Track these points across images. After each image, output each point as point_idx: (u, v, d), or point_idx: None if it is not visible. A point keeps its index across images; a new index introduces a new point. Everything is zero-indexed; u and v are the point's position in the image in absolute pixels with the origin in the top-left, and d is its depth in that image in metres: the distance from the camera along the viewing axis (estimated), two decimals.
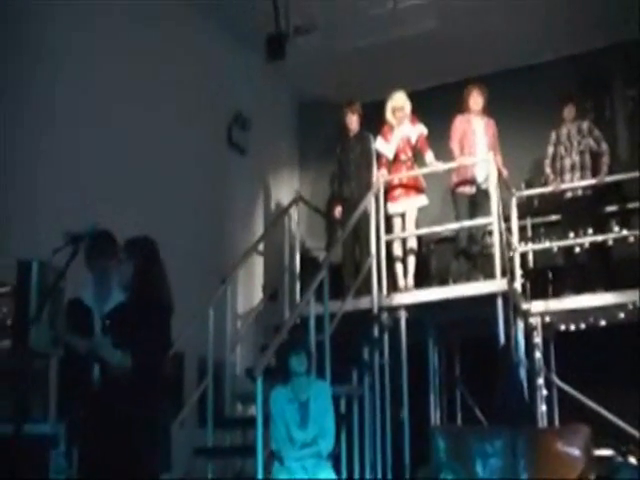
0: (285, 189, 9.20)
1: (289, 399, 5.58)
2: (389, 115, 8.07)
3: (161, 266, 4.39)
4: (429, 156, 7.93)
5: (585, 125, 8.40)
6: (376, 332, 7.15)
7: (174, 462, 4.47)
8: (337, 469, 5.79)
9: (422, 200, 7.99)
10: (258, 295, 8.31)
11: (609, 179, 8.19)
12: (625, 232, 7.94)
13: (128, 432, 4.00)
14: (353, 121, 8.36)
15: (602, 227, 8.13)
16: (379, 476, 6.58)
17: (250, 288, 8.27)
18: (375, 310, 7.26)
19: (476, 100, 8.09)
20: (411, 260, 7.84)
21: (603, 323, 7.73)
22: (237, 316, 7.77)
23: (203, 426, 6.52)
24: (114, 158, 6.67)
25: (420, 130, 8.02)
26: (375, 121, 8.23)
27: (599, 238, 7.93)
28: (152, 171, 7.09)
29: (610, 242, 8.02)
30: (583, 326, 7.74)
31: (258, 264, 8.37)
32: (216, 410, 6.58)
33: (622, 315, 7.54)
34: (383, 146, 8.06)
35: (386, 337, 7.18)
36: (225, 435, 6.65)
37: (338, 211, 8.24)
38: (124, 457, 3.99)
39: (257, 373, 5.47)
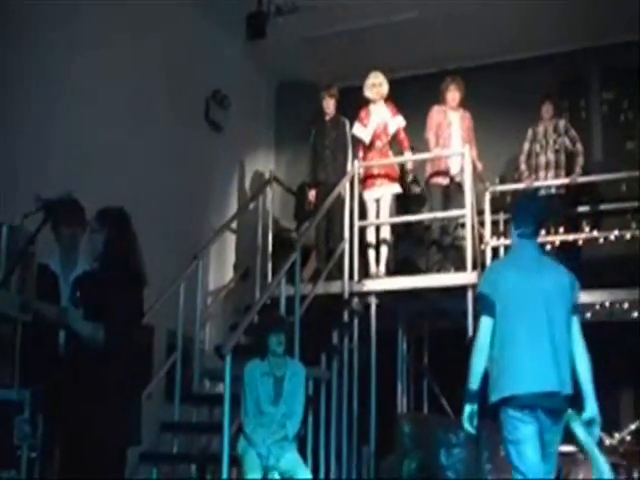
0: (260, 169, 9.15)
1: (265, 373, 5.62)
2: (367, 91, 8.09)
3: (134, 238, 4.35)
4: (408, 154, 7.98)
5: (562, 124, 8.49)
6: (346, 317, 7.18)
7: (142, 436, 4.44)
8: (302, 452, 5.81)
9: (396, 188, 8.02)
10: (230, 273, 8.29)
11: (582, 179, 8.29)
12: (596, 233, 8.05)
13: (98, 403, 3.96)
14: (330, 105, 8.35)
15: (574, 227, 8.24)
16: (344, 461, 6.60)
17: (222, 266, 8.22)
18: (346, 295, 7.30)
19: (453, 94, 8.13)
20: (383, 250, 7.87)
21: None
22: (208, 293, 7.73)
23: (170, 401, 6.50)
24: (89, 132, 6.58)
25: (398, 122, 8.04)
26: (352, 106, 8.23)
27: (570, 237, 8.03)
28: (127, 146, 7.02)
29: (581, 242, 8.12)
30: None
31: (231, 242, 8.34)
32: (184, 386, 6.56)
33: (589, 315, 7.64)
34: (360, 131, 8.07)
35: (356, 322, 7.21)
36: (192, 411, 6.63)
37: (312, 195, 8.24)
38: (93, 428, 3.94)
39: (226, 350, 5.47)
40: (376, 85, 8.05)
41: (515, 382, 4.06)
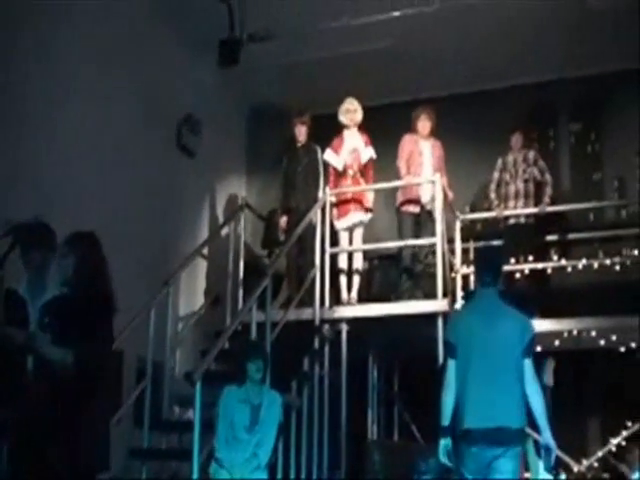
0: (232, 195, 9.16)
1: (242, 400, 5.58)
2: (341, 116, 8.15)
3: (104, 263, 4.32)
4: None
5: (531, 154, 8.62)
6: (317, 344, 7.18)
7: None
8: (272, 478, 5.78)
9: (367, 216, 8.07)
10: (200, 299, 8.27)
11: (550, 209, 8.41)
12: (564, 262, 8.15)
13: (66, 429, 3.91)
14: (302, 132, 8.40)
15: (542, 255, 8.33)
16: None
17: (193, 292, 8.20)
18: (317, 322, 7.30)
19: (424, 123, 8.22)
20: (355, 277, 7.90)
21: (539, 349, 7.88)
22: (178, 319, 7.69)
23: (139, 427, 6.44)
24: (60, 157, 6.57)
25: (370, 154, 8.12)
26: (325, 134, 8.28)
27: (539, 266, 8.12)
28: (98, 170, 7.01)
29: (549, 270, 8.21)
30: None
31: (202, 269, 8.33)
32: (153, 412, 6.51)
33: (557, 343, 7.72)
34: (332, 157, 8.12)
35: (327, 349, 7.21)
36: (161, 437, 6.57)
37: (284, 221, 8.26)
38: (61, 454, 3.90)
39: (196, 377, 5.43)
40: (350, 111, 8.12)
41: (470, 417, 4.51)
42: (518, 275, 8.15)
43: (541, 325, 7.67)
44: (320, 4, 8.03)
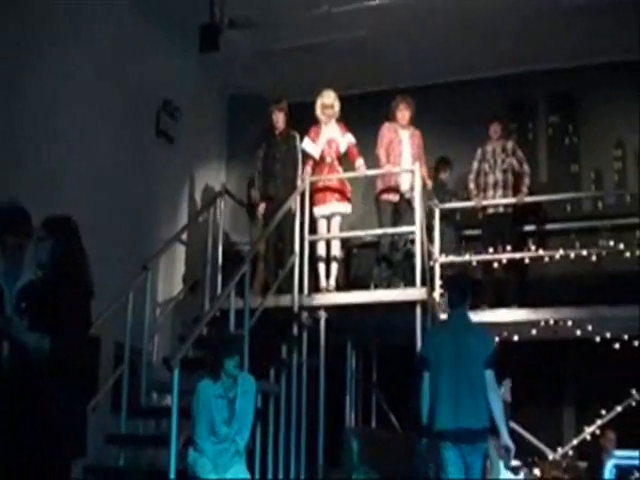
0: (211, 181, 9.12)
1: (218, 395, 5.53)
2: (318, 112, 8.11)
3: (82, 248, 4.28)
4: (359, 161, 8.00)
5: (509, 145, 8.66)
6: (295, 331, 7.17)
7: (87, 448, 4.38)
8: (250, 465, 5.78)
9: (346, 208, 8.05)
10: (179, 285, 8.23)
11: (528, 199, 8.46)
12: (541, 252, 8.21)
13: (42, 414, 3.88)
14: (279, 119, 8.36)
15: (520, 245, 8.39)
16: (292, 475, 6.58)
17: (171, 278, 8.17)
18: (295, 309, 7.28)
19: (403, 112, 8.19)
20: (334, 264, 7.89)
21: (516, 338, 7.96)
22: (156, 305, 7.65)
23: (117, 413, 6.40)
24: (38, 142, 6.51)
25: (349, 139, 8.08)
26: (303, 121, 8.25)
27: (517, 255, 8.17)
28: (77, 155, 6.95)
29: (527, 260, 8.27)
30: (497, 340, 7.92)
31: (180, 254, 8.29)
32: (131, 398, 6.47)
33: (534, 332, 7.77)
34: (310, 146, 8.08)
35: (305, 336, 7.20)
36: (139, 424, 6.54)
37: (262, 208, 8.24)
38: (37, 439, 3.87)
39: (174, 363, 5.39)
40: (327, 107, 8.05)
41: (440, 420, 5.27)
42: (496, 265, 8.20)
43: (518, 314, 7.76)
44: None
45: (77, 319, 4.05)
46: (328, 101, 8.05)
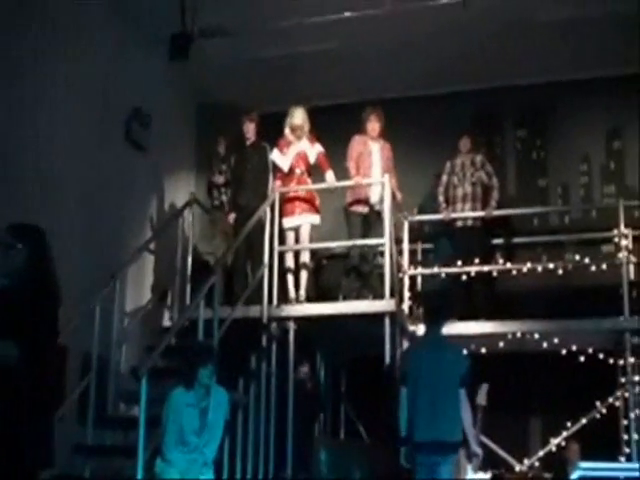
0: (181, 190, 9.06)
1: (189, 404, 5.49)
2: (287, 132, 8.11)
3: (50, 256, 4.25)
4: (329, 174, 8.01)
5: (478, 159, 8.74)
6: (264, 342, 7.16)
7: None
8: (218, 476, 5.75)
9: (315, 219, 8.06)
10: (147, 294, 8.18)
11: (497, 213, 8.55)
12: (509, 265, 8.28)
13: (8, 423, 3.83)
14: (250, 130, 8.39)
15: (488, 258, 8.46)
16: None
17: (140, 287, 8.10)
18: (264, 319, 7.28)
19: (373, 124, 8.24)
20: (303, 274, 7.90)
21: (484, 351, 8.02)
22: (125, 314, 7.58)
23: (84, 423, 6.33)
24: (6, 148, 6.44)
25: (318, 149, 8.10)
26: (274, 132, 8.26)
27: (485, 268, 8.24)
28: (46, 162, 6.89)
29: (495, 273, 8.34)
30: (465, 352, 7.97)
31: (149, 263, 8.24)
32: (98, 408, 6.42)
33: (502, 344, 7.84)
34: (279, 158, 8.09)
35: (274, 347, 7.20)
36: (106, 434, 6.48)
37: (232, 218, 8.23)
38: (3, 449, 3.81)
39: (142, 373, 5.38)
40: (296, 129, 8.04)
41: (418, 432, 5.63)
42: (465, 277, 8.26)
43: (486, 327, 7.82)
44: (271, 3, 8.02)
45: (44, 327, 4.01)
46: (297, 122, 8.04)
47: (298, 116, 8.06)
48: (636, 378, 7.66)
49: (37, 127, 6.86)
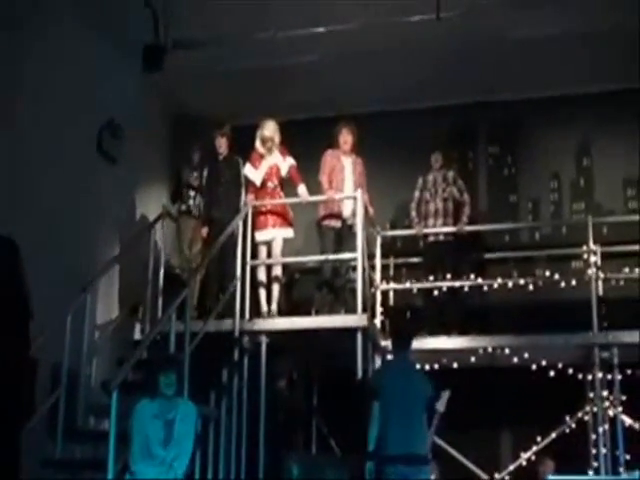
0: (154, 202, 9.01)
1: (154, 415, 5.46)
2: (258, 144, 8.12)
3: (22, 268, 4.24)
4: (301, 188, 8.02)
5: (450, 174, 8.80)
6: (236, 355, 7.14)
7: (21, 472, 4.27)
8: None
9: (288, 232, 8.07)
10: (119, 307, 8.11)
11: (468, 228, 8.61)
12: (480, 280, 8.33)
13: None
14: (222, 144, 8.43)
15: (460, 273, 8.50)
16: None
17: (111, 300, 8.03)
18: (236, 333, 7.26)
19: (345, 139, 8.27)
20: (275, 288, 7.89)
21: (455, 365, 8.05)
22: (96, 327, 7.52)
23: (53, 437, 6.26)
24: None
25: (290, 162, 8.11)
26: (249, 144, 8.25)
27: (456, 284, 8.29)
28: (15, 173, 6.84)
29: (466, 288, 8.39)
30: (437, 367, 8.02)
31: (121, 276, 8.16)
32: (68, 421, 6.35)
33: (473, 359, 7.88)
34: (251, 172, 8.09)
35: (246, 361, 7.17)
36: (76, 448, 6.41)
37: (205, 231, 8.21)
38: None
39: (113, 386, 5.34)
40: (267, 141, 8.05)
41: (391, 445, 6.01)
42: (436, 292, 8.30)
43: (458, 342, 7.87)
44: (247, 15, 8.04)
45: (15, 340, 4.00)
46: (268, 133, 8.05)
47: (269, 128, 8.08)
48: (604, 393, 7.73)
49: (7, 138, 6.80)
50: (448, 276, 8.33)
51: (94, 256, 7.78)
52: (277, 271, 7.95)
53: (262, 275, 7.91)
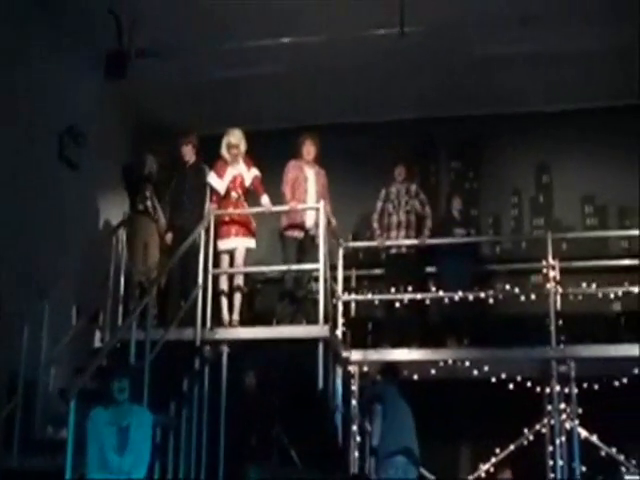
0: (115, 209, 8.92)
1: (108, 422, 5.37)
2: (224, 151, 8.11)
3: None
4: (264, 199, 8.03)
5: (413, 187, 8.87)
6: (197, 365, 7.08)
7: None
8: None
9: (251, 242, 8.05)
10: (78, 315, 8.00)
11: (430, 241, 8.65)
12: (442, 293, 8.38)
13: None
14: (187, 152, 8.39)
15: (421, 286, 8.55)
16: None
17: (70, 307, 7.92)
18: (198, 342, 7.21)
19: (309, 149, 8.29)
20: (237, 297, 7.85)
21: (415, 377, 8.09)
22: (54, 334, 7.40)
23: (9, 447, 6.15)
24: None
25: (254, 173, 8.11)
26: (213, 154, 8.23)
27: (418, 296, 8.33)
28: None
29: (428, 301, 8.43)
30: None
31: (81, 283, 8.05)
32: (25, 431, 6.25)
33: (433, 372, 7.91)
34: (215, 181, 8.07)
35: (207, 370, 7.12)
36: (33, 458, 6.29)
37: (169, 238, 8.15)
38: None
39: (71, 395, 5.28)
40: (233, 146, 8.04)
41: (396, 442, 7.04)
42: (398, 304, 8.33)
43: (419, 354, 7.91)
44: (211, 26, 8.05)
45: None
46: (234, 140, 8.05)
47: (235, 135, 8.08)
48: (562, 406, 7.81)
49: None
50: (409, 288, 8.36)
51: (55, 263, 7.69)
52: (239, 280, 7.93)
53: (224, 284, 7.87)
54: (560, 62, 8.54)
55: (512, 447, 8.16)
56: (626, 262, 8.85)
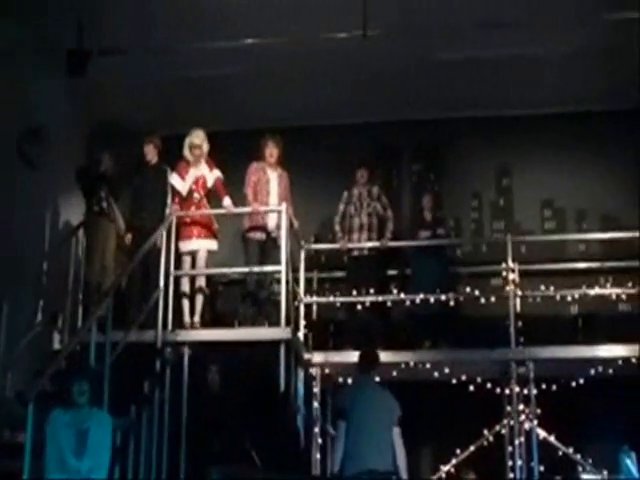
0: (75, 210, 8.82)
1: (67, 424, 5.32)
2: (186, 151, 8.08)
3: None
4: (226, 201, 8.02)
5: (375, 190, 8.90)
6: (158, 367, 7.04)
7: None
8: None
9: (212, 244, 8.03)
10: (37, 317, 7.90)
11: (392, 244, 8.70)
12: (403, 295, 8.42)
13: None
14: (149, 152, 8.35)
15: (383, 288, 8.58)
16: None
17: (29, 309, 7.82)
18: (159, 344, 7.16)
19: (271, 151, 8.29)
20: (199, 299, 7.83)
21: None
22: (12, 336, 7.30)
23: None
24: None
25: (217, 175, 8.11)
26: (175, 154, 8.19)
27: (379, 298, 8.36)
28: None
29: (389, 303, 8.46)
30: None
31: (40, 285, 7.96)
32: None
33: (395, 373, 7.95)
34: (178, 182, 8.06)
35: (168, 372, 7.08)
36: None
37: (129, 238, 8.09)
38: None
39: (29, 397, 5.21)
40: (195, 147, 8.03)
41: (357, 462, 6.27)
42: (360, 307, 8.35)
43: (381, 356, 7.91)
44: (174, 25, 8.01)
45: None
46: (197, 141, 8.04)
47: (198, 136, 8.07)
48: (521, 407, 7.89)
49: None
50: (371, 291, 8.39)
51: (13, 264, 7.58)
52: (201, 282, 7.91)
53: (186, 286, 7.85)
54: (520, 67, 8.64)
55: (472, 448, 8.22)
56: (583, 265, 9.01)
